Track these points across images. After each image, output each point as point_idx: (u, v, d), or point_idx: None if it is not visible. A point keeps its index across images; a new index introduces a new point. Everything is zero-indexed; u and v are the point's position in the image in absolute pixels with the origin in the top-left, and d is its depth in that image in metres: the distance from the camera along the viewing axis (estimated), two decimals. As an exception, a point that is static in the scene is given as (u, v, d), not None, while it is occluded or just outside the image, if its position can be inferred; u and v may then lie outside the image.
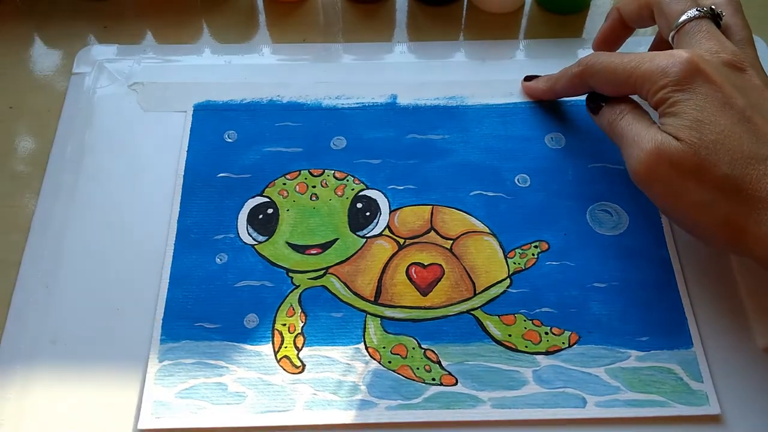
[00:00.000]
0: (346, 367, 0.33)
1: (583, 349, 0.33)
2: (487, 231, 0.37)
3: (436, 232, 0.37)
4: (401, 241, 0.36)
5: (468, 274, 0.35)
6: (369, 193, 0.38)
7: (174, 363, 0.33)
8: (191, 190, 0.38)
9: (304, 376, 0.32)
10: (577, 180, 0.38)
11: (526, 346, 0.33)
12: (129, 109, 0.41)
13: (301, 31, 0.46)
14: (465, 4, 0.47)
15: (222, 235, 0.36)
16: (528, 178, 0.38)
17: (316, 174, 0.39)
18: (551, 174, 0.38)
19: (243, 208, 0.37)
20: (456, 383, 0.32)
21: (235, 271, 0.35)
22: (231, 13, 0.47)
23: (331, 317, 0.34)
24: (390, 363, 0.33)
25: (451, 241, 0.36)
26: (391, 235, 0.36)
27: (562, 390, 0.32)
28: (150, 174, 0.39)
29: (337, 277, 0.35)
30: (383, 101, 0.41)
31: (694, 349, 0.33)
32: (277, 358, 0.33)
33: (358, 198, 0.38)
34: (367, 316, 0.34)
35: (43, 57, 0.44)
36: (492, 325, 0.34)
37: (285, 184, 0.38)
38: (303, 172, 0.39)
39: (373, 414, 0.31)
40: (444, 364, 0.33)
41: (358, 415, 0.31)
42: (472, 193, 0.38)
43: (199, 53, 0.44)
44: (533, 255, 0.36)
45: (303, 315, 0.34)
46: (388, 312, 0.34)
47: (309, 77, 0.42)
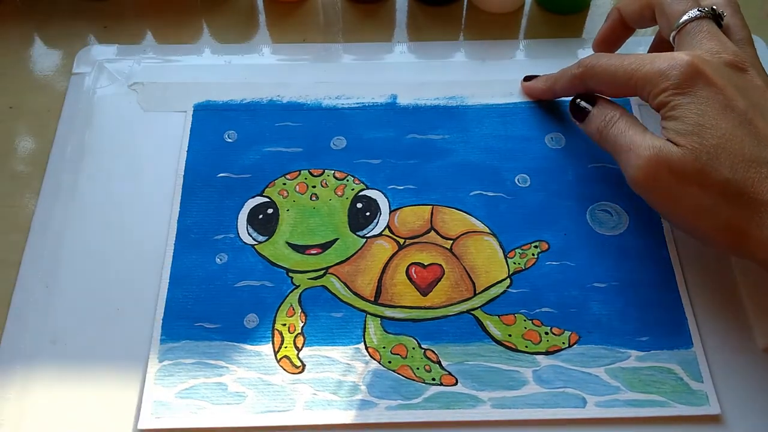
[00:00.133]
0: (346, 367, 0.33)
1: (583, 349, 0.33)
2: (487, 231, 0.37)
3: (436, 232, 0.37)
4: (401, 241, 0.36)
5: (468, 274, 0.35)
6: (369, 193, 0.38)
7: (174, 363, 0.33)
8: (191, 190, 0.38)
9: (304, 376, 0.32)
10: (577, 180, 0.38)
11: (526, 346, 0.33)
12: (129, 109, 0.41)
13: (301, 31, 0.46)
14: (465, 4, 0.47)
15: (222, 235, 0.36)
16: (528, 178, 0.38)
17: (316, 174, 0.39)
18: (551, 174, 0.38)
19: (243, 208, 0.37)
20: (456, 383, 0.32)
21: (235, 271, 0.35)
22: (231, 13, 0.47)
23: (331, 317, 0.34)
24: (390, 363, 0.33)
25: (451, 241, 0.36)
26: (391, 235, 0.36)
27: (562, 390, 0.32)
28: (150, 174, 0.39)
29: (337, 277, 0.35)
30: (383, 101, 0.41)
31: (694, 349, 0.33)
32: (277, 358, 0.33)
33: (358, 198, 0.38)
34: (367, 316, 0.34)
35: (43, 57, 0.44)
36: (492, 325, 0.34)
37: (285, 184, 0.38)
38: (303, 172, 0.39)
39: (373, 414, 0.31)
40: (444, 364, 0.33)
41: (358, 415, 0.31)
42: (472, 193, 0.38)
43: (199, 53, 0.44)
44: (533, 255, 0.36)
45: (303, 315, 0.34)
46: (388, 312, 0.34)
47: (309, 77, 0.42)
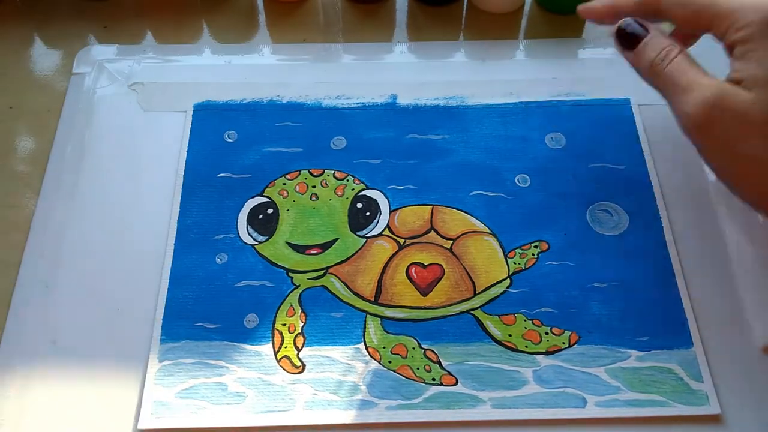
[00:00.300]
0: (346, 367, 0.33)
1: (583, 349, 0.33)
2: (487, 231, 0.37)
3: (436, 232, 0.37)
4: (401, 241, 0.36)
5: (468, 274, 0.35)
6: (369, 193, 0.38)
7: (174, 363, 0.33)
8: (191, 190, 0.38)
9: (304, 376, 0.32)
10: (577, 180, 0.38)
11: (526, 346, 0.33)
12: (129, 109, 0.41)
13: (301, 31, 0.46)
14: (465, 4, 0.47)
15: (222, 235, 0.36)
16: (528, 178, 0.38)
17: (316, 174, 0.39)
18: (551, 174, 0.38)
19: (243, 208, 0.37)
20: (456, 383, 0.32)
21: (235, 271, 0.35)
22: (231, 13, 0.47)
23: (331, 317, 0.34)
24: (390, 363, 0.33)
25: (451, 241, 0.36)
26: (391, 235, 0.36)
27: (562, 390, 0.32)
28: (150, 174, 0.39)
29: (337, 277, 0.35)
30: (383, 101, 0.41)
31: (694, 349, 0.33)
32: (277, 358, 0.33)
33: (358, 198, 0.38)
34: (367, 316, 0.34)
35: (43, 57, 0.44)
36: (492, 325, 0.34)
37: (285, 184, 0.38)
38: (303, 172, 0.39)
39: (373, 414, 0.31)
40: (444, 364, 0.33)
41: (358, 415, 0.31)
42: (472, 193, 0.38)
43: (199, 53, 0.44)
44: (533, 255, 0.36)
45: (303, 315, 0.34)
46: (388, 312, 0.34)
47: (309, 77, 0.42)
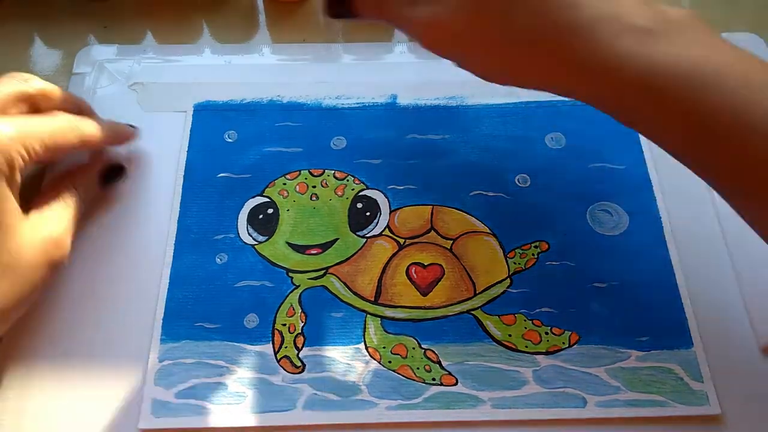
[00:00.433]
0: (346, 367, 0.33)
1: (583, 349, 0.33)
2: (487, 231, 0.37)
3: (436, 232, 0.37)
4: (401, 241, 0.36)
5: (468, 274, 0.35)
6: (369, 193, 0.38)
7: (174, 363, 0.33)
8: (191, 190, 0.38)
9: (304, 376, 0.32)
10: (577, 180, 0.38)
11: (526, 346, 0.33)
12: (129, 109, 0.41)
13: (301, 31, 0.46)
14: (465, 4, 0.47)
15: (222, 235, 0.36)
16: (528, 178, 0.38)
17: (316, 174, 0.38)
18: (551, 174, 0.38)
19: (243, 208, 0.37)
20: (456, 383, 0.32)
21: (235, 271, 0.35)
22: (231, 13, 0.47)
23: (331, 317, 0.34)
24: (390, 363, 0.33)
25: (451, 241, 0.36)
26: (391, 235, 0.36)
27: (562, 390, 0.32)
28: (150, 174, 0.39)
29: (337, 277, 0.35)
30: (383, 101, 0.41)
31: (694, 349, 0.33)
32: (277, 358, 0.33)
33: (358, 198, 0.38)
34: (367, 316, 0.34)
35: (43, 57, 0.44)
36: (492, 325, 0.34)
37: (285, 184, 0.38)
38: (303, 172, 0.39)
39: (373, 414, 0.31)
40: (444, 364, 0.33)
41: (358, 415, 0.31)
42: (472, 193, 0.38)
43: (199, 53, 0.44)
44: (533, 255, 0.36)
45: (303, 315, 0.34)
46: (388, 312, 0.34)
47: (309, 77, 0.42)
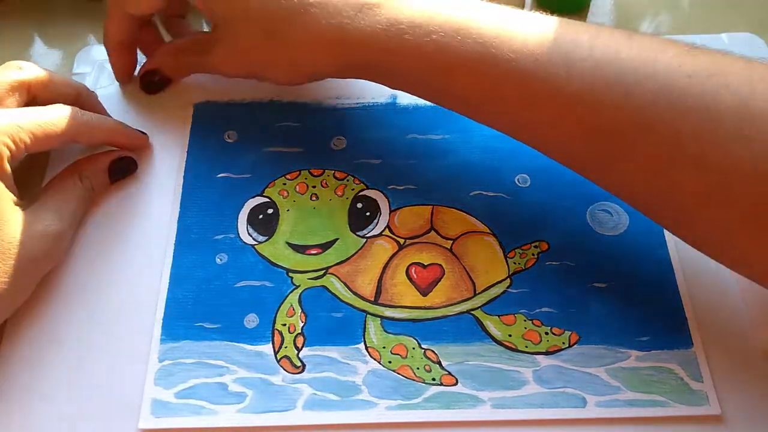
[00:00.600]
0: (346, 367, 0.33)
1: (583, 349, 0.33)
2: (487, 231, 0.37)
3: (436, 232, 0.37)
4: (401, 241, 0.36)
5: (468, 274, 0.35)
6: (369, 193, 0.38)
7: (174, 363, 0.33)
8: (191, 190, 0.38)
9: (304, 376, 0.32)
10: (577, 180, 0.38)
11: (526, 346, 0.33)
12: (129, 109, 0.41)
13: (301, 31, 0.46)
14: (465, 4, 0.47)
15: (222, 235, 0.36)
16: (528, 178, 0.38)
17: (316, 174, 0.38)
18: (551, 174, 0.38)
19: (243, 208, 0.37)
20: (456, 383, 0.32)
21: (235, 271, 0.35)
22: (231, 13, 0.46)
23: (331, 317, 0.34)
24: (390, 363, 0.33)
25: (451, 241, 0.36)
26: (391, 235, 0.36)
27: (562, 390, 0.32)
28: (150, 174, 0.39)
29: (337, 277, 0.35)
30: (383, 101, 0.41)
31: (694, 349, 0.33)
32: (277, 358, 0.33)
33: (358, 198, 0.38)
34: (367, 316, 0.34)
35: (43, 57, 0.44)
36: (492, 325, 0.34)
37: (285, 184, 0.38)
38: (303, 172, 0.39)
39: (373, 414, 0.31)
40: (444, 364, 0.33)
41: (358, 415, 0.31)
42: (472, 193, 0.38)
43: (199, 53, 0.44)
44: (533, 255, 0.36)
45: (303, 315, 0.34)
46: (388, 312, 0.34)
47: (309, 77, 0.42)
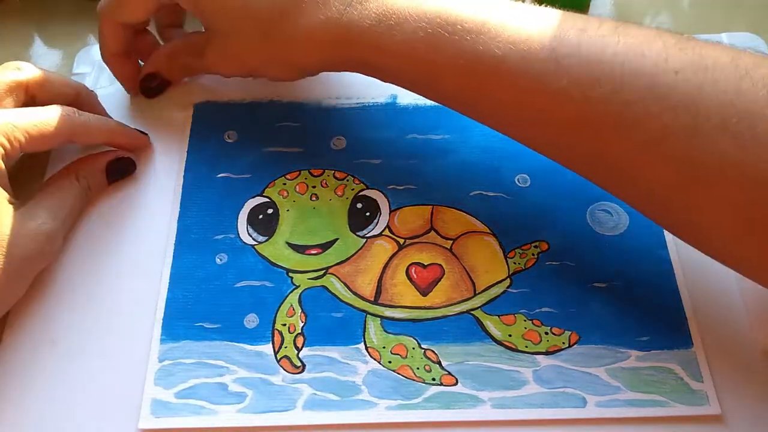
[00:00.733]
0: (346, 367, 0.33)
1: (583, 349, 0.33)
2: (487, 231, 0.37)
3: (436, 232, 0.37)
4: (401, 241, 0.36)
5: (468, 274, 0.35)
6: (369, 193, 0.38)
7: (174, 363, 0.33)
8: (191, 190, 0.38)
9: (304, 376, 0.32)
10: (577, 180, 0.38)
11: (526, 346, 0.33)
12: (129, 110, 0.41)
13: (301, 31, 0.46)
14: (465, 4, 0.47)
15: (222, 235, 0.36)
16: (528, 178, 0.38)
17: (316, 174, 0.38)
18: (551, 174, 0.38)
19: (243, 208, 0.37)
20: (456, 383, 0.32)
21: (235, 271, 0.35)
22: (231, 13, 0.46)
23: (331, 317, 0.34)
24: (390, 363, 0.33)
25: (451, 241, 0.36)
26: (391, 235, 0.36)
27: (562, 390, 0.32)
28: (150, 174, 0.39)
29: (337, 277, 0.35)
30: (383, 101, 0.41)
31: (694, 349, 0.33)
32: (277, 358, 0.33)
33: (358, 198, 0.38)
34: (367, 316, 0.34)
35: (43, 57, 0.44)
36: (492, 325, 0.34)
37: (285, 184, 0.38)
38: (303, 172, 0.39)
39: (373, 414, 0.31)
40: (444, 364, 0.33)
41: (358, 415, 0.31)
42: (472, 193, 0.38)
43: (199, 53, 0.44)
44: (533, 255, 0.36)
45: (303, 315, 0.34)
46: (388, 312, 0.34)
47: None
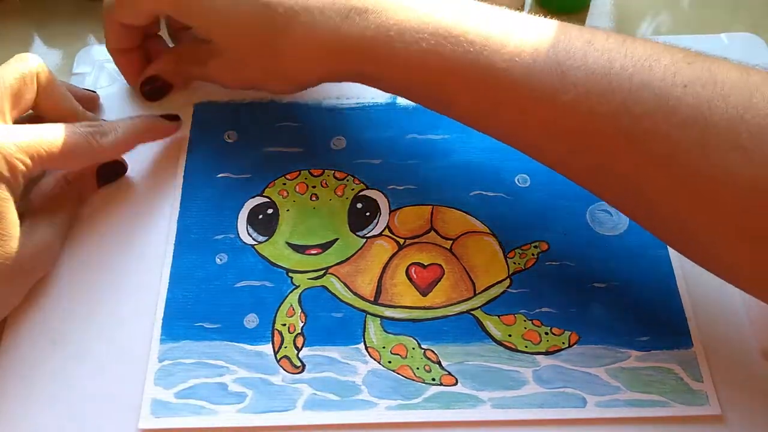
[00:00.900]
0: (346, 367, 0.33)
1: (583, 349, 0.33)
2: (487, 231, 0.37)
3: (436, 232, 0.37)
4: (401, 241, 0.36)
5: (468, 274, 0.35)
6: (369, 193, 0.38)
7: (174, 363, 0.33)
8: (191, 190, 0.38)
9: (304, 376, 0.32)
10: (577, 180, 0.38)
11: (526, 346, 0.33)
12: (129, 110, 0.41)
13: (301, 31, 0.46)
14: (465, 4, 0.47)
15: (222, 235, 0.36)
16: (528, 178, 0.38)
17: (316, 174, 0.38)
18: (551, 174, 0.38)
19: (243, 208, 0.37)
20: (456, 383, 0.32)
21: (235, 271, 0.35)
22: (231, 13, 0.46)
23: (331, 317, 0.34)
24: (390, 363, 0.33)
25: (451, 241, 0.36)
26: (391, 235, 0.36)
27: (562, 390, 0.32)
28: (150, 174, 0.39)
29: (337, 277, 0.35)
30: (383, 101, 0.41)
31: (694, 349, 0.33)
32: (277, 358, 0.33)
33: (358, 198, 0.38)
34: (367, 316, 0.34)
35: (43, 57, 0.44)
36: (492, 325, 0.34)
37: (285, 184, 0.38)
38: (303, 172, 0.39)
39: (373, 414, 0.31)
40: (444, 364, 0.33)
41: (358, 415, 0.31)
42: (472, 193, 0.38)
43: (199, 53, 0.44)
44: (533, 255, 0.36)
45: (303, 315, 0.34)
46: (388, 312, 0.34)
47: (309, 77, 0.42)
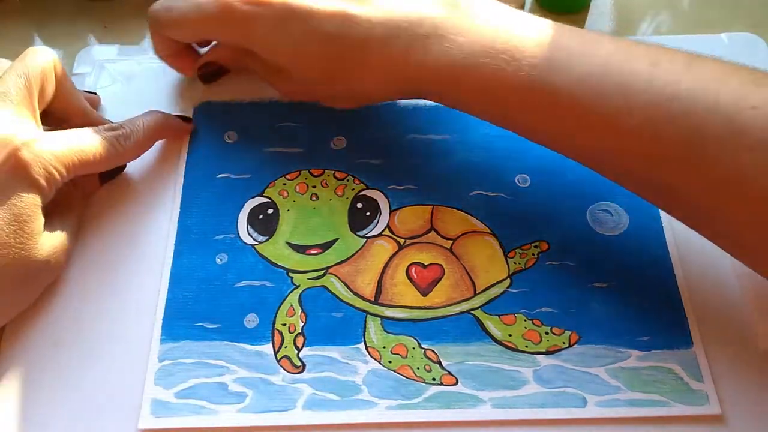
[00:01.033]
0: (346, 367, 0.33)
1: (583, 349, 0.33)
2: (487, 231, 0.37)
3: (436, 232, 0.37)
4: (401, 241, 0.36)
5: (468, 274, 0.35)
6: (369, 193, 0.38)
7: (174, 363, 0.33)
8: (191, 190, 0.38)
9: (304, 376, 0.32)
10: (577, 180, 0.38)
11: (527, 346, 0.33)
12: (129, 110, 0.41)
13: (301, 32, 0.46)
14: (465, 4, 0.47)
15: (222, 235, 0.36)
16: (528, 178, 0.38)
17: (316, 174, 0.39)
18: (551, 174, 0.38)
19: (243, 208, 0.37)
20: (456, 383, 0.32)
21: (235, 271, 0.35)
22: (231, 14, 0.47)
23: (331, 317, 0.34)
24: (390, 363, 0.33)
25: (451, 241, 0.36)
26: (391, 235, 0.36)
27: (562, 390, 0.32)
28: (150, 174, 0.39)
29: (337, 277, 0.35)
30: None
31: (694, 349, 0.33)
32: (277, 358, 0.33)
33: (358, 198, 0.38)
34: (368, 316, 0.34)
35: (43, 57, 0.44)
36: (492, 324, 0.34)
37: (285, 185, 0.38)
38: (303, 172, 0.39)
39: (373, 414, 0.31)
40: (444, 363, 0.33)
41: (358, 415, 0.31)
42: (472, 193, 0.38)
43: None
44: (533, 255, 0.36)
45: (303, 315, 0.34)
46: (388, 312, 0.34)
47: (309, 77, 0.42)
